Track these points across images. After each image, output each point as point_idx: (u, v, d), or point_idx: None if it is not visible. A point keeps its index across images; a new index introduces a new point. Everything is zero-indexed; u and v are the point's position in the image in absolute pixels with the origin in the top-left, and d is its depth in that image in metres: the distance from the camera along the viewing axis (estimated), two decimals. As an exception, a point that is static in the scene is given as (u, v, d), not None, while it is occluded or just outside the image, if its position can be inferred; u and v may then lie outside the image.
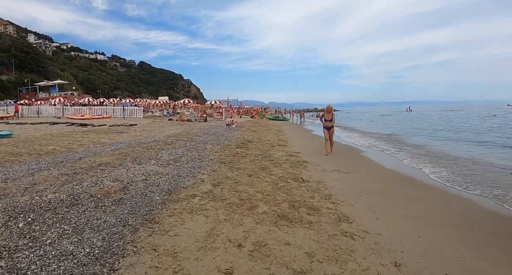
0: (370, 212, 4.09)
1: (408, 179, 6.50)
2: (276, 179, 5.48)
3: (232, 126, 17.93)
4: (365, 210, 4.17)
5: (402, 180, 6.41)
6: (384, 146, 11.91)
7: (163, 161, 6.64)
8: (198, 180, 5.15)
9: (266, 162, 7.18)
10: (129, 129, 16.33)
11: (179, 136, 12.02)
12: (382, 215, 4.00)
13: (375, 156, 9.31)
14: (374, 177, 6.45)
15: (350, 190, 5.12)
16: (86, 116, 27.93)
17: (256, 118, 34.43)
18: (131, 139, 10.96)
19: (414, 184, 6.08)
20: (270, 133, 15.32)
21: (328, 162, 7.80)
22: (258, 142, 11.12)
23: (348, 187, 5.31)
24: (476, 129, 20.31)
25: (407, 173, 7.00)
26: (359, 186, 5.47)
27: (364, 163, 8.17)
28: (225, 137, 12.19)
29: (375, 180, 6.14)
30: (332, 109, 9.32)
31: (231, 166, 6.44)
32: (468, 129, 20.43)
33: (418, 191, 5.54)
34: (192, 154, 7.66)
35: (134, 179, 5.07)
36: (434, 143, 12.97)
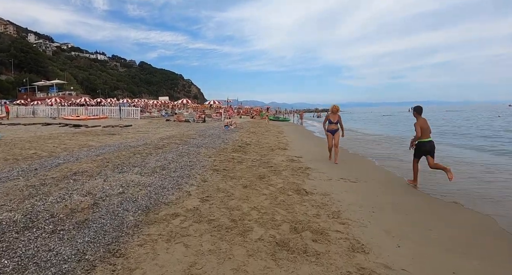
0: (389, 236, 3.36)
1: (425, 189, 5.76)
2: (275, 191, 4.75)
3: (230, 127, 17.20)
4: (382, 233, 3.44)
5: (418, 190, 5.67)
6: (393, 149, 11.17)
7: (148, 168, 5.92)
8: (184, 194, 4.42)
9: (265, 169, 6.45)
10: (122, 130, 15.63)
11: (172, 138, 11.30)
12: (402, 241, 3.27)
13: (385, 162, 8.57)
14: (386, 186, 5.72)
15: (361, 205, 4.39)
16: (82, 117, 27.25)
17: (256, 118, 33.69)
18: (121, 142, 10.24)
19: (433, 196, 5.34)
20: (270, 135, 14.58)
21: (333, 168, 7.07)
22: (256, 145, 10.39)
23: (358, 200, 4.58)
24: (486, 134, 19.52)
25: (422, 182, 6.26)
26: (371, 199, 4.74)
27: (373, 170, 7.43)
28: (222, 139, 11.46)
29: (388, 191, 5.41)
30: (338, 109, 7.90)
31: (225, 174, 5.71)
32: (479, 131, 19.65)
33: (439, 205, 4.80)
34: (183, 160, 6.93)
35: (109, 193, 4.34)
36: (447, 147, 12.22)
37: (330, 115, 7.95)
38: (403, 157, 9.11)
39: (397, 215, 4.14)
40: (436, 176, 6.46)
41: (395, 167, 7.66)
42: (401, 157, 9.13)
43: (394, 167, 7.68)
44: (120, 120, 25.78)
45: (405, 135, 16.85)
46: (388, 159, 8.99)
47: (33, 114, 31.30)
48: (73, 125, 19.27)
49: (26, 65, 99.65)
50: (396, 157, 9.24)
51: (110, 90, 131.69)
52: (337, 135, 7.88)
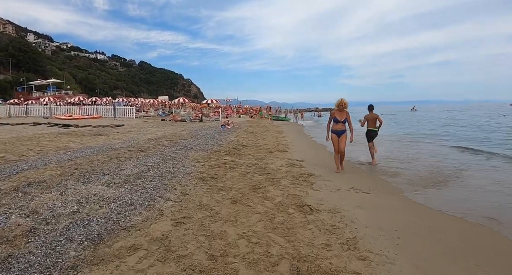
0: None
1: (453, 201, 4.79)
2: (272, 208, 3.78)
3: (227, 127, 16.23)
4: (416, 273, 2.48)
5: (435, 204, 4.71)
6: (404, 150, 10.19)
7: (120, 177, 4.95)
8: (154, 213, 3.46)
9: (261, 176, 5.48)
10: (112, 130, 14.67)
11: (162, 139, 10.33)
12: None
13: (399, 164, 7.59)
14: (405, 200, 4.75)
15: (380, 227, 3.42)
16: (75, 116, 26.31)
17: (256, 118, 32.71)
18: (104, 144, 9.29)
19: (468, 211, 4.37)
20: (269, 135, 13.61)
21: (341, 175, 6.10)
22: (253, 146, 9.41)
23: (376, 220, 3.62)
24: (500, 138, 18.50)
25: (433, 198, 5.29)
26: (391, 218, 3.78)
27: (388, 176, 6.46)
28: (216, 140, 10.48)
29: (408, 205, 4.45)
30: (346, 104, 6.32)
31: (212, 184, 4.73)
32: (492, 133, 18.65)
33: (470, 228, 3.83)
34: (166, 165, 5.96)
35: (59, 212, 3.38)
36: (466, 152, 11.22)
37: (336, 112, 6.41)
38: (420, 160, 8.14)
39: (428, 242, 3.18)
40: (448, 192, 5.50)
41: (410, 171, 6.69)
42: (417, 160, 8.16)
43: (409, 171, 6.70)
44: (114, 119, 24.84)
45: (414, 133, 15.90)
46: (402, 161, 8.00)
47: (26, 114, 30.39)
48: (63, 125, 18.33)
49: (24, 64, 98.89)
50: (412, 159, 8.26)
51: (110, 90, 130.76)
52: (344, 138, 6.36)
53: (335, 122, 6.42)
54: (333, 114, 6.48)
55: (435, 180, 6.00)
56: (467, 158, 8.63)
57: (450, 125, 24.03)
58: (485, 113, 48.33)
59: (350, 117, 6.41)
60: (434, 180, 5.97)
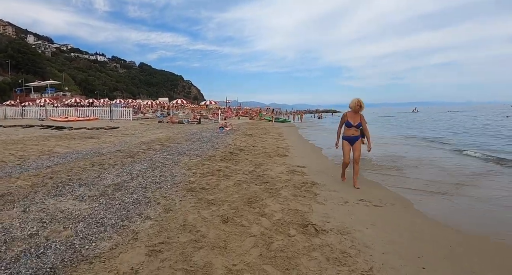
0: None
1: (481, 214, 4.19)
2: (270, 228, 3.19)
3: (225, 129, 15.65)
4: None
5: (458, 220, 4.11)
6: (412, 154, 9.59)
7: (98, 188, 4.36)
8: (127, 237, 2.87)
9: (258, 186, 4.89)
10: (105, 133, 14.11)
11: (155, 143, 9.75)
12: None
13: (408, 170, 6.99)
14: (424, 214, 4.16)
15: (400, 254, 2.82)
16: (71, 118, 25.75)
17: (255, 119, 32.11)
18: (92, 148, 8.71)
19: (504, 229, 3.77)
20: (268, 138, 13.01)
21: (347, 185, 5.50)
22: (251, 150, 8.82)
23: (394, 244, 3.02)
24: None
25: (448, 216, 4.69)
26: (412, 240, 3.18)
27: (399, 183, 5.86)
28: (212, 143, 9.89)
29: (428, 223, 3.85)
30: (362, 106, 5.24)
31: (202, 197, 4.14)
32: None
33: (500, 251, 3.24)
34: (153, 174, 5.37)
35: (15, 235, 2.80)
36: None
37: (349, 115, 5.36)
38: (429, 165, 7.55)
39: (459, 271, 2.59)
40: (467, 204, 4.91)
41: (420, 177, 6.08)
42: (427, 166, 7.56)
43: (419, 178, 6.09)
44: (111, 121, 24.30)
45: (419, 136, 15.28)
46: (410, 166, 7.40)
47: (22, 116, 29.88)
48: (56, 127, 17.80)
49: (24, 66, 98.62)
50: (421, 164, 7.65)
51: (109, 91, 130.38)
52: (359, 145, 5.31)
53: (348, 127, 5.34)
54: (345, 116, 5.40)
55: (449, 189, 5.40)
56: (481, 165, 8.02)
57: (454, 128, 23.36)
58: (488, 114, 47.74)
59: (365, 121, 5.39)
60: (447, 189, 5.37)
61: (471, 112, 65.43)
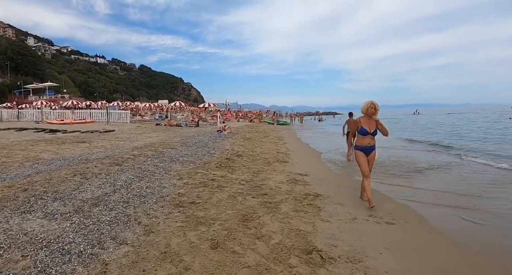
0: None
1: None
2: (268, 256, 2.69)
3: (223, 132, 15.16)
4: None
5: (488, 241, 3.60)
6: (420, 159, 9.07)
7: (74, 203, 3.87)
8: (94, 269, 2.37)
9: (255, 198, 4.39)
10: (99, 137, 13.63)
11: (148, 148, 9.25)
12: None
13: (420, 178, 6.48)
14: (443, 230, 3.65)
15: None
16: (67, 121, 25.31)
17: (255, 122, 31.61)
18: (81, 153, 8.23)
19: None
20: (268, 142, 12.51)
21: (353, 195, 5.00)
22: (250, 156, 8.32)
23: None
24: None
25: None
26: (437, 269, 2.68)
27: (409, 192, 5.34)
28: (209, 149, 9.39)
29: (451, 242, 3.35)
30: (376, 108, 4.39)
31: (190, 214, 3.64)
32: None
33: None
34: (139, 185, 4.87)
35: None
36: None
37: (363, 120, 4.45)
38: (437, 171, 7.03)
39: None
40: (490, 221, 4.40)
41: (431, 186, 5.57)
42: (435, 172, 7.05)
43: (430, 187, 5.58)
44: (107, 124, 23.84)
45: (426, 140, 14.72)
46: (422, 174, 6.87)
47: (18, 118, 29.45)
48: (50, 130, 17.34)
49: (23, 68, 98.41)
50: (429, 169, 7.14)
51: (109, 93, 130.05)
52: (374, 156, 4.49)
53: (363, 135, 4.42)
54: (357, 122, 4.50)
55: (466, 202, 4.89)
56: (495, 172, 7.50)
57: (460, 131, 22.75)
58: (489, 116, 47.19)
59: (381, 123, 4.39)
60: (464, 203, 4.86)
61: (471, 114, 64.88)
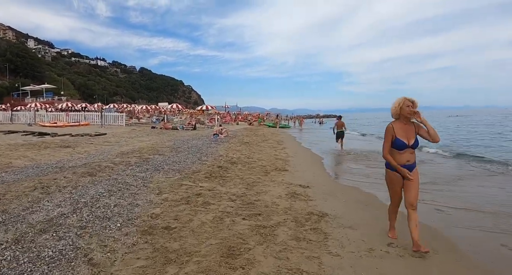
0: None
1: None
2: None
3: (220, 136, 14.35)
4: None
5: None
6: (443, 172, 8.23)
7: (18, 228, 3.05)
8: None
9: (247, 220, 3.57)
10: (88, 140, 12.84)
11: (134, 154, 8.44)
12: None
13: (442, 193, 5.64)
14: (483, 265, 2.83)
15: None
16: (60, 124, 24.52)
17: (254, 125, 30.80)
18: (60, 160, 7.43)
19: None
20: (266, 147, 11.68)
21: (364, 212, 4.17)
22: (246, 163, 7.50)
23: None
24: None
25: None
26: None
27: (430, 214, 4.51)
28: (201, 154, 8.57)
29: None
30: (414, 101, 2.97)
31: (160, 246, 2.81)
32: None
33: None
34: (107, 202, 4.04)
35: None
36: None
37: (397, 127, 3.02)
38: (471, 189, 6.18)
39: None
40: None
41: (466, 206, 4.74)
42: (467, 189, 6.21)
43: (466, 208, 4.75)
44: (102, 127, 23.07)
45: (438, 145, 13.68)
46: (445, 188, 6.00)
47: (11, 121, 28.70)
48: (39, 133, 16.53)
49: (22, 70, 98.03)
50: (456, 183, 6.30)
51: (109, 96, 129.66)
52: (417, 178, 3.02)
53: (399, 149, 2.98)
54: (390, 131, 3.02)
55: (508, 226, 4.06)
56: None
57: (471, 135, 21.72)
58: (493, 119, 46.32)
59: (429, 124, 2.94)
60: (505, 226, 4.03)
61: (474, 116, 63.98)
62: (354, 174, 7.19)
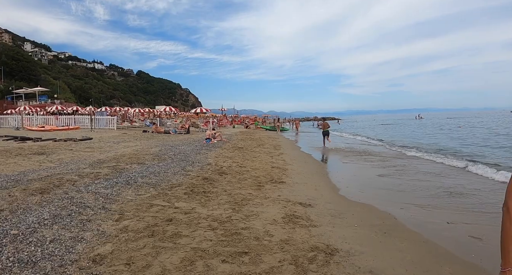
0: None
1: None
2: None
3: (213, 140, 13.35)
4: None
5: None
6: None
7: None
8: None
9: (228, 263, 2.57)
10: (68, 146, 11.82)
11: (111, 162, 7.42)
12: None
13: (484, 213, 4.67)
14: None
15: None
16: (47, 127, 23.45)
17: (251, 128, 29.78)
18: (24, 171, 6.40)
19: None
20: (262, 152, 10.68)
21: (385, 244, 3.19)
22: (236, 174, 6.50)
23: None
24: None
25: None
26: None
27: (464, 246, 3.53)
28: (187, 163, 7.56)
29: None
30: None
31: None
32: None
33: None
34: (43, 235, 3.02)
35: None
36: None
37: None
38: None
39: None
40: None
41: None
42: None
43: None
44: (92, 131, 22.05)
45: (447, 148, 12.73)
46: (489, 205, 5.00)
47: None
48: (21, 138, 15.47)
49: (18, 73, 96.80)
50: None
51: (106, 99, 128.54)
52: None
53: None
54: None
55: None
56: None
57: (480, 139, 20.42)
58: (494, 121, 45.45)
59: None
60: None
61: (475, 118, 63.02)
62: (363, 186, 6.21)
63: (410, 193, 5.70)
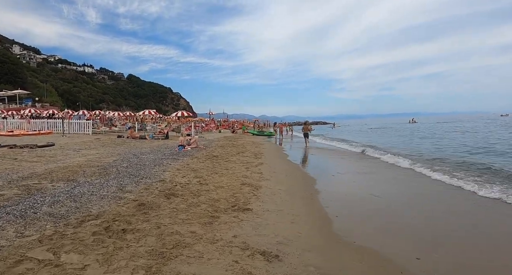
0: None
1: None
2: None
3: (186, 147, 11.78)
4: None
5: None
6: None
7: None
8: None
9: None
10: (19, 154, 10.21)
11: (36, 179, 5.80)
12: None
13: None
14: None
15: None
16: (16, 132, 21.62)
17: (238, 133, 28.25)
18: None
19: None
20: (238, 163, 9.12)
21: None
22: (191, 195, 4.96)
23: None
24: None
25: None
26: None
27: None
28: (133, 179, 5.96)
29: None
30: None
31: None
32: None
33: None
34: None
35: None
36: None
37: None
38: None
39: None
40: None
41: None
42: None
43: None
44: (63, 135, 20.33)
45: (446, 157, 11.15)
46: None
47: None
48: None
49: (3, 75, 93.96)
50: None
51: (95, 103, 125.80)
52: None
53: None
54: None
55: None
56: None
57: (479, 144, 18.63)
58: (485, 124, 44.63)
59: None
60: None
61: (466, 123, 62.29)
62: (366, 211, 4.72)
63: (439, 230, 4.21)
